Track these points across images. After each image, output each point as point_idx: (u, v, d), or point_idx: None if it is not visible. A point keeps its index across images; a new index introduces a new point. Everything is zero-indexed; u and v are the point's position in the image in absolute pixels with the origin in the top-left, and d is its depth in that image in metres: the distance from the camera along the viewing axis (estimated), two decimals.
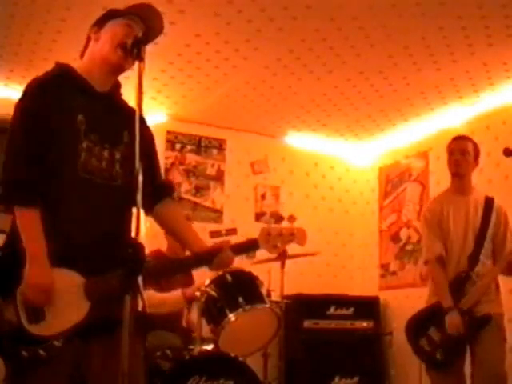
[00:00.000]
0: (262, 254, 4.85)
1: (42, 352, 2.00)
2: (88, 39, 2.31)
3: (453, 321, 3.42)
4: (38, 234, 2.03)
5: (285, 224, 2.32)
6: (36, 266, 2.00)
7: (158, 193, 2.36)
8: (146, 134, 2.28)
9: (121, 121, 2.23)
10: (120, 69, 2.26)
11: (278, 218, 2.31)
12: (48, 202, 2.06)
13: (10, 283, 2.03)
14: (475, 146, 3.70)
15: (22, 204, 2.05)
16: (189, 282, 4.09)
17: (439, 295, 3.55)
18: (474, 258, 3.51)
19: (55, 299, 2.03)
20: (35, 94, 2.14)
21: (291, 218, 2.31)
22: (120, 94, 2.36)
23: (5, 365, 2.08)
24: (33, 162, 2.06)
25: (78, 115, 2.15)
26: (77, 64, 2.28)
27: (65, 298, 2.03)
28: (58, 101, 2.14)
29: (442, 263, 3.56)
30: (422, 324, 3.58)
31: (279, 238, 2.28)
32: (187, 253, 2.45)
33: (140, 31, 2.22)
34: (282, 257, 4.44)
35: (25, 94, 2.16)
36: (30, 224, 2.04)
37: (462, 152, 3.63)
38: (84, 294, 2.05)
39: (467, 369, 3.51)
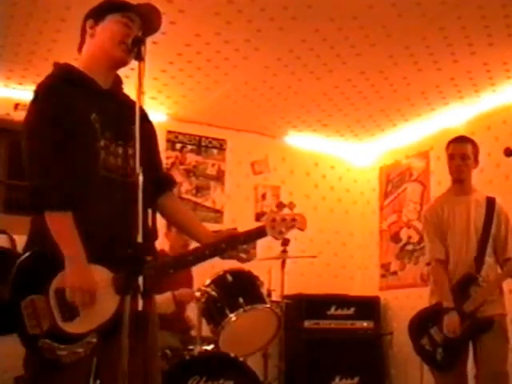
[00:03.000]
0: (262, 253, 4.88)
1: (79, 350, 2.00)
2: (84, 31, 2.29)
3: (450, 321, 3.42)
4: (75, 236, 2.04)
5: (286, 211, 2.35)
6: (78, 270, 2.01)
7: (161, 186, 2.37)
8: (148, 129, 2.28)
9: (128, 116, 2.23)
10: (123, 64, 2.26)
11: (280, 206, 2.33)
12: (73, 202, 2.07)
13: (42, 282, 2.03)
14: (474, 146, 3.67)
15: (55, 209, 2.05)
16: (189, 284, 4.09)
17: (440, 295, 3.56)
18: (479, 260, 3.50)
19: None
20: (48, 97, 2.13)
21: (291, 205, 2.35)
22: (121, 88, 2.36)
23: (26, 365, 2.08)
24: (57, 165, 2.06)
25: (91, 114, 2.16)
26: (77, 62, 2.27)
27: (96, 294, 2.05)
28: (71, 102, 2.14)
29: (444, 264, 3.56)
30: (424, 323, 3.57)
31: (283, 223, 2.29)
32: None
33: (139, 30, 2.20)
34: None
35: (36, 99, 2.15)
36: (65, 228, 2.04)
37: (462, 157, 3.60)
38: (113, 289, 2.07)
39: (471, 370, 3.51)
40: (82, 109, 2.16)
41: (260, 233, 2.32)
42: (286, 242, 4.40)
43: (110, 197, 2.15)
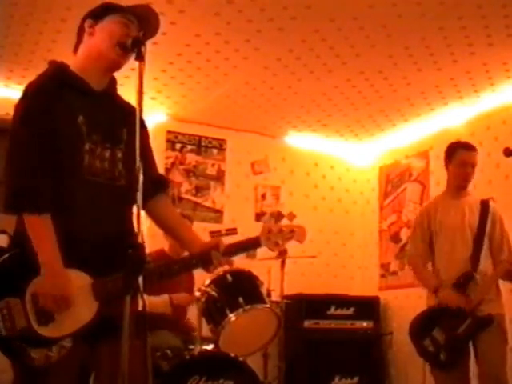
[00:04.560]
0: (262, 253, 4.88)
1: (52, 353, 1.99)
2: (81, 31, 2.28)
3: (445, 294, 3.50)
4: (52, 240, 2.00)
5: (284, 222, 2.32)
6: (52, 276, 1.98)
7: (152, 187, 2.29)
8: (141, 134, 2.25)
9: (119, 119, 2.22)
10: (118, 66, 2.24)
11: (278, 216, 2.33)
12: (55, 205, 2.03)
13: (19, 284, 2.01)
14: None
15: (34, 211, 2.01)
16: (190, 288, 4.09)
17: (424, 281, 3.73)
18: (475, 259, 3.54)
19: None
20: (35, 97, 2.11)
21: (290, 216, 2.32)
22: (116, 90, 2.34)
23: (13, 367, 2.08)
24: (39, 166, 2.03)
25: (78, 117, 2.13)
26: (71, 61, 2.25)
27: (74, 299, 2.02)
28: (58, 103, 2.11)
29: (420, 259, 3.75)
30: (425, 325, 3.59)
31: (280, 235, 2.28)
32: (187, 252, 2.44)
33: (138, 31, 2.19)
34: (282, 255, 4.44)
35: (24, 98, 2.13)
36: (43, 231, 2.01)
37: (473, 165, 3.70)
38: (92, 295, 2.05)
39: (473, 369, 3.53)
40: (70, 111, 2.13)
41: (254, 244, 2.30)
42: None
43: (93, 201, 2.11)
